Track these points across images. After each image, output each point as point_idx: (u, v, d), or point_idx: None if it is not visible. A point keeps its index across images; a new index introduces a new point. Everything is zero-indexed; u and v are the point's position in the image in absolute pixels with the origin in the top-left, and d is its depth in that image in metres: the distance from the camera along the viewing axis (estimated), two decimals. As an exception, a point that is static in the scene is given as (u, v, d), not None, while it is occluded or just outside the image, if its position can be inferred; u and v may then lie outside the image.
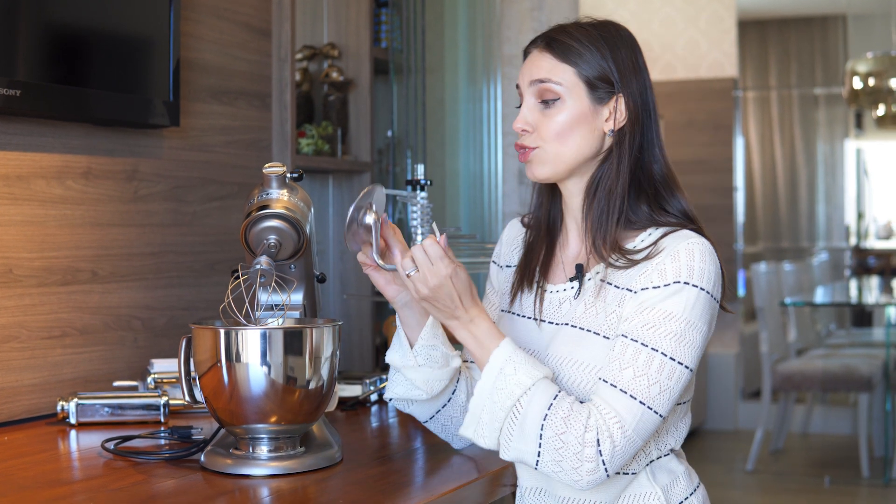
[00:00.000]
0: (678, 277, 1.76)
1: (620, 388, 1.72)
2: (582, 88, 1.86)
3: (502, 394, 1.73)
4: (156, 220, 2.76)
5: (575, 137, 1.86)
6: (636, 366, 1.72)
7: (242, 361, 1.85)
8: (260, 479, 1.86)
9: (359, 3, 3.54)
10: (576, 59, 1.86)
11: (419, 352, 1.95)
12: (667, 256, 1.78)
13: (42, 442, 2.20)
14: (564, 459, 1.69)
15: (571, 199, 1.92)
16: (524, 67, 1.92)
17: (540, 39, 1.91)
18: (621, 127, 1.88)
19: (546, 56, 1.88)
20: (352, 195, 3.56)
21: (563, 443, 1.68)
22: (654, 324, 1.74)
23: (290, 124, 3.16)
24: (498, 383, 1.74)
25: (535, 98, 1.88)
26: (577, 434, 1.68)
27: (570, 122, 1.86)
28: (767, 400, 6.66)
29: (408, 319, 1.95)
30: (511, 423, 1.72)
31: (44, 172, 2.47)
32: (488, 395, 1.74)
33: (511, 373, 1.74)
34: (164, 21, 2.65)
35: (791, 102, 10.69)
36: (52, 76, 2.38)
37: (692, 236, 1.81)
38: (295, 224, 2.01)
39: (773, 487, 6.30)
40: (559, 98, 1.86)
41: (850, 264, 10.36)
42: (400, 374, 1.99)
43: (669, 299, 1.75)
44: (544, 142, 1.87)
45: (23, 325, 2.42)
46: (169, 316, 2.80)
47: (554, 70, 1.86)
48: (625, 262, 1.82)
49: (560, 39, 1.87)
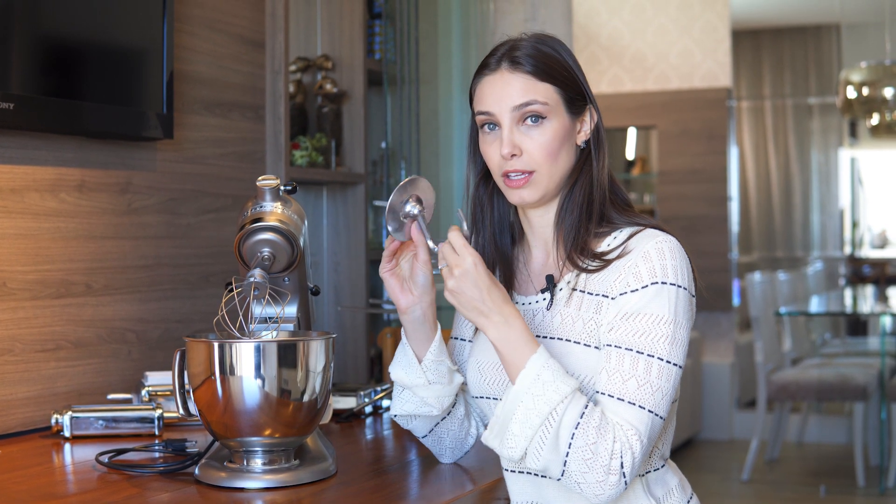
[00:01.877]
0: (654, 278, 1.75)
1: (629, 401, 1.71)
2: (562, 105, 1.84)
3: (539, 400, 1.67)
4: (150, 233, 2.76)
5: (562, 155, 1.85)
6: (637, 375, 1.72)
7: (236, 374, 1.84)
8: (254, 492, 1.86)
9: (352, 15, 3.55)
10: (552, 75, 1.83)
11: (428, 367, 1.94)
12: (639, 258, 1.77)
13: (36, 455, 2.20)
14: (591, 471, 1.66)
15: (539, 218, 1.91)
16: (490, 91, 1.85)
17: (501, 61, 1.85)
18: (587, 138, 1.88)
19: (519, 76, 1.83)
20: (346, 207, 3.56)
21: (594, 453, 1.66)
22: (644, 330, 1.73)
23: (283, 136, 3.17)
24: (534, 389, 1.69)
25: (515, 122, 1.83)
26: (608, 446, 1.66)
27: (558, 140, 1.83)
28: (762, 409, 6.66)
29: (417, 333, 1.94)
30: (545, 430, 1.67)
31: (37, 185, 2.47)
32: (521, 401, 1.69)
33: (550, 379, 1.69)
34: (157, 33, 2.66)
35: (785, 112, 10.70)
36: (46, 89, 2.38)
37: (658, 234, 1.81)
38: (289, 237, 2.01)
39: (768, 497, 6.30)
40: (545, 118, 1.83)
41: (845, 273, 10.38)
42: (408, 392, 1.98)
43: (652, 302, 1.74)
44: (537, 164, 1.83)
45: (16, 338, 2.42)
46: (163, 329, 2.79)
47: (534, 90, 1.82)
48: (598, 263, 1.82)
49: (526, 55, 1.83)
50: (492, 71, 1.86)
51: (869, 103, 7.50)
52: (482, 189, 1.96)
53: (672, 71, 8.24)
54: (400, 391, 2.01)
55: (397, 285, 1.92)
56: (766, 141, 10.69)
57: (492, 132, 1.86)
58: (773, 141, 10.68)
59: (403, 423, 2.05)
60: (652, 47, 8.27)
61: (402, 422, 2.04)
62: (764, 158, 10.70)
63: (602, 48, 8.34)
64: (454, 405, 2.02)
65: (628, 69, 8.30)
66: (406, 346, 1.96)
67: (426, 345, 1.94)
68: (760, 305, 6.73)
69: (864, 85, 7.48)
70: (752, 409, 7.81)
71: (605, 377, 1.74)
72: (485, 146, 1.87)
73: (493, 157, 1.86)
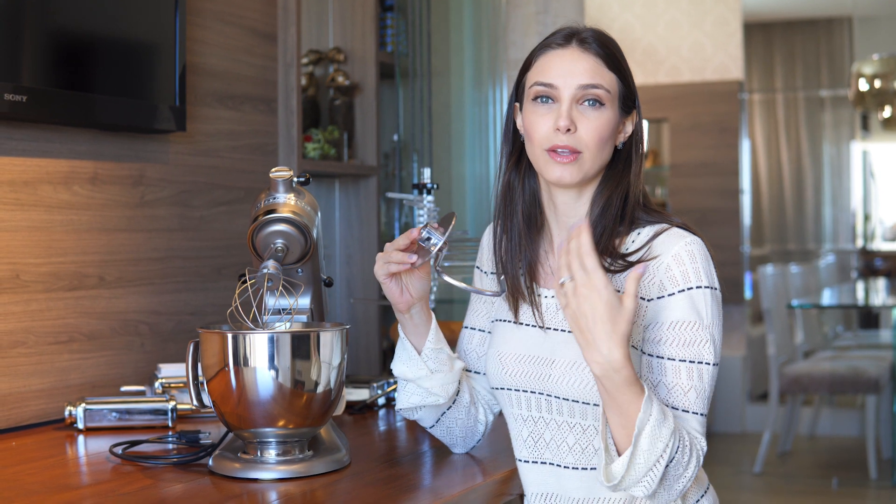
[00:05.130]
0: (688, 283, 1.78)
1: (693, 411, 1.77)
2: (617, 100, 1.85)
3: (658, 443, 1.64)
4: (162, 225, 2.76)
5: (608, 146, 1.85)
6: (695, 385, 1.77)
7: (250, 365, 1.85)
8: (268, 482, 1.86)
9: (364, 7, 3.55)
10: (620, 68, 1.85)
11: (428, 356, 1.95)
12: (672, 260, 1.79)
13: (50, 447, 2.21)
14: (677, 482, 1.70)
15: (568, 206, 1.90)
16: (559, 63, 1.84)
17: (577, 39, 1.84)
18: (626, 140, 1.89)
19: (590, 58, 1.83)
20: (358, 200, 3.56)
21: (685, 468, 1.70)
22: (691, 339, 1.77)
23: (296, 129, 3.17)
24: (656, 432, 1.64)
25: (575, 100, 1.82)
26: (694, 461, 1.71)
27: (609, 129, 1.83)
28: (775, 402, 6.65)
29: (414, 327, 1.97)
30: (657, 466, 1.65)
31: (50, 178, 2.47)
32: (647, 449, 1.64)
33: (661, 419, 1.64)
34: (169, 26, 2.66)
35: (797, 105, 10.68)
36: (58, 82, 2.38)
37: (685, 235, 1.82)
38: (302, 228, 2.01)
39: (780, 490, 6.29)
40: (603, 104, 1.82)
41: (857, 266, 10.35)
42: (412, 385, 1.99)
43: (692, 309, 1.77)
44: (587, 146, 1.82)
45: (30, 330, 2.43)
46: (176, 321, 2.80)
47: (601, 75, 1.82)
48: (621, 264, 1.82)
49: (600, 43, 1.84)
50: (561, 46, 1.85)
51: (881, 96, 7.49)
52: (514, 172, 1.95)
53: (684, 64, 8.22)
54: (404, 385, 2.02)
55: (396, 289, 1.93)
56: (777, 134, 10.67)
57: (545, 104, 1.84)
58: (784, 134, 10.66)
59: (409, 415, 2.05)
60: (663, 40, 8.26)
61: (407, 414, 2.05)
62: (776, 151, 10.67)
63: (613, 41, 8.31)
64: (458, 392, 2.03)
65: (640, 62, 8.29)
66: (405, 340, 1.99)
67: (423, 336, 1.97)
68: (773, 298, 6.71)
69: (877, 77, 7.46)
70: (765, 401, 7.79)
71: (664, 391, 1.77)
72: (535, 116, 1.84)
73: (542, 128, 1.83)
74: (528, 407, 1.90)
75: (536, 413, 1.89)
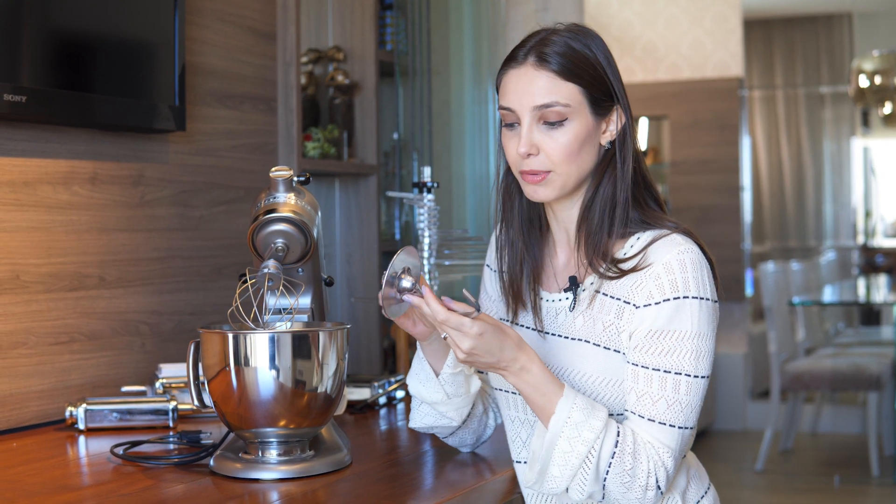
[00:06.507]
0: (676, 292, 1.75)
1: (659, 421, 1.74)
2: (586, 106, 1.80)
3: (576, 441, 1.71)
4: (162, 225, 2.76)
5: (582, 156, 1.81)
6: (667, 396, 1.74)
7: (251, 365, 1.84)
8: (269, 483, 1.86)
9: (363, 6, 3.54)
10: (579, 75, 1.79)
11: (446, 380, 1.95)
12: (661, 268, 1.76)
13: (51, 448, 2.20)
14: (630, 491, 1.71)
15: (564, 212, 1.89)
16: (514, 87, 1.81)
17: (528, 55, 1.81)
18: (613, 139, 1.85)
19: (544, 74, 1.79)
20: (358, 199, 3.55)
21: (632, 477, 1.71)
22: (670, 348, 1.75)
23: (295, 128, 3.16)
24: (567, 431, 1.71)
25: (535, 120, 1.79)
26: (643, 468, 1.71)
27: (578, 142, 1.79)
28: (776, 400, 6.64)
29: (433, 351, 1.96)
30: (585, 468, 1.71)
31: (50, 178, 2.47)
32: (556, 444, 1.72)
33: (581, 419, 1.71)
34: (168, 26, 2.65)
35: (797, 101, 10.67)
36: (58, 82, 2.38)
37: (680, 243, 1.78)
38: (302, 227, 2.00)
39: (782, 487, 6.29)
40: (566, 119, 1.79)
41: (858, 263, 10.35)
42: (427, 407, 2.00)
43: (676, 318, 1.75)
44: (554, 165, 1.80)
45: (30, 331, 2.42)
46: (176, 321, 2.79)
47: (557, 90, 1.78)
48: (616, 271, 1.81)
49: (555, 53, 1.79)
50: (518, 65, 1.81)
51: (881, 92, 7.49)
52: (511, 178, 1.93)
53: (683, 61, 8.22)
54: (419, 404, 2.02)
55: (409, 323, 1.93)
56: (778, 130, 10.66)
57: (510, 129, 1.83)
58: (785, 130, 10.65)
59: (422, 431, 2.06)
60: (663, 37, 8.25)
61: (420, 430, 2.06)
62: (776, 148, 10.66)
63: (613, 39, 8.32)
64: (473, 407, 2.03)
65: (639, 59, 8.28)
66: (425, 363, 1.98)
67: (442, 359, 1.96)
68: (774, 295, 6.71)
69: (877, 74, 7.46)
70: (766, 399, 7.79)
71: (633, 398, 1.76)
72: (505, 140, 1.85)
73: (511, 153, 1.83)
74: (525, 410, 1.91)
75: (533, 416, 1.89)
